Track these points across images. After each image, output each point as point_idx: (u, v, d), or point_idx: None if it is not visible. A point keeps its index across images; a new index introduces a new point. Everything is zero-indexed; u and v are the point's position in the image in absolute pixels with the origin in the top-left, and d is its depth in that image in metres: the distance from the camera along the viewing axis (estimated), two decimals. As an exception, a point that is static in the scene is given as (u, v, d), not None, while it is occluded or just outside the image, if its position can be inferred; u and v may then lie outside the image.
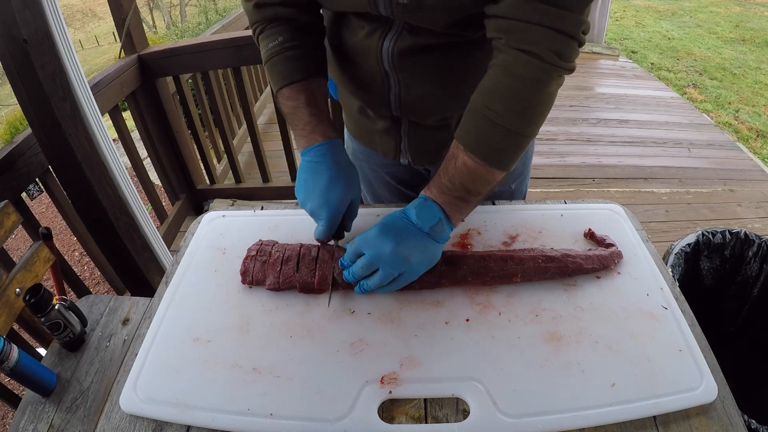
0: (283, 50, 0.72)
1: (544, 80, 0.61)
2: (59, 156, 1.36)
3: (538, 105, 0.63)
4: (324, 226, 0.71)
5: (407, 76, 0.76)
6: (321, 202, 0.71)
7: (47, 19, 1.21)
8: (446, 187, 0.67)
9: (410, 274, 0.66)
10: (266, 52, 0.74)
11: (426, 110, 0.82)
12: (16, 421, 0.88)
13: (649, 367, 0.61)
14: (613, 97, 3.85)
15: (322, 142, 0.72)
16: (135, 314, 1.09)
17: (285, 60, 0.73)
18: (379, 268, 0.65)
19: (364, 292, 0.68)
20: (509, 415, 0.56)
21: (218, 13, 10.53)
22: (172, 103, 2.14)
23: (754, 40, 6.22)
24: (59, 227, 3.17)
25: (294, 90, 0.73)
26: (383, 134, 0.91)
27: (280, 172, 2.58)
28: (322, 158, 0.72)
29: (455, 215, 0.68)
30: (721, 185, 2.71)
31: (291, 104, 0.74)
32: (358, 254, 0.67)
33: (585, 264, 0.72)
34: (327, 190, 0.70)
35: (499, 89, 0.63)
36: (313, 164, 0.72)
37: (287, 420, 0.57)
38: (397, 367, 0.62)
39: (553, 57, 0.59)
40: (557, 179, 2.74)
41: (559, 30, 0.58)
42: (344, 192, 0.71)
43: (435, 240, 0.67)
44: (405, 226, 0.66)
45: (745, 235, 1.36)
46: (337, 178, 0.71)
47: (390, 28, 0.72)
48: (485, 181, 0.67)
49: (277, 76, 0.74)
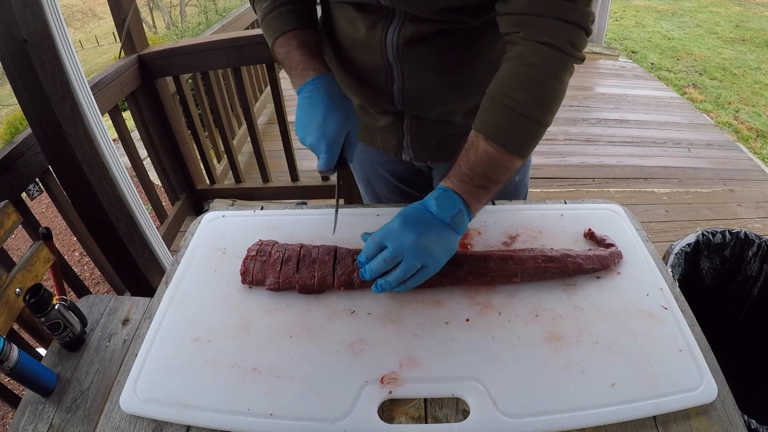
0: (276, 8, 0.77)
1: (560, 69, 0.65)
2: (59, 156, 1.36)
3: (554, 93, 0.66)
4: (324, 158, 0.72)
5: (411, 66, 0.77)
6: (318, 134, 0.71)
7: (47, 19, 1.21)
8: (467, 175, 0.67)
9: (433, 265, 0.66)
10: (261, 13, 0.78)
11: (429, 102, 0.83)
12: (16, 421, 0.88)
13: (649, 367, 0.61)
14: (613, 97, 3.85)
15: (315, 77, 0.74)
16: (135, 314, 1.09)
17: (278, 15, 0.77)
18: (402, 261, 0.65)
19: (382, 290, 0.68)
20: (509, 415, 0.56)
21: (218, 13, 10.53)
22: (172, 103, 2.14)
23: (754, 40, 6.21)
24: (59, 227, 3.17)
25: (286, 38, 0.76)
26: (385, 131, 0.91)
27: (280, 172, 2.58)
28: (316, 92, 0.73)
29: (474, 204, 0.68)
30: (721, 185, 2.71)
31: (284, 50, 0.77)
32: (380, 248, 0.67)
33: (585, 264, 0.72)
34: (324, 121, 0.71)
35: (519, 79, 0.65)
36: (308, 99, 0.73)
37: (287, 420, 0.57)
38: (397, 367, 0.62)
39: (568, 47, 0.63)
40: (557, 179, 2.74)
41: (571, 21, 0.62)
42: (341, 121, 0.72)
43: (455, 231, 0.67)
44: (426, 218, 0.66)
45: (745, 235, 1.36)
46: (333, 107, 0.72)
47: (392, 19, 0.74)
48: (505, 168, 0.68)
49: (271, 30, 0.78)
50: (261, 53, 1.99)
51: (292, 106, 3.01)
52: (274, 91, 2.14)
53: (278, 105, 2.17)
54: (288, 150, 2.30)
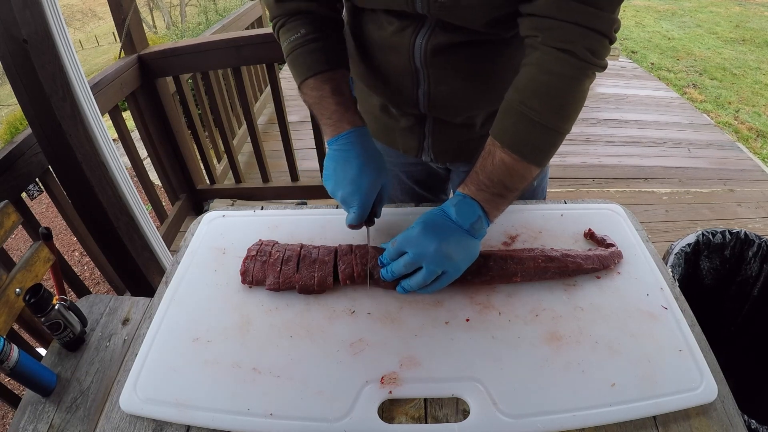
0: (306, 42, 0.73)
1: (579, 77, 0.63)
2: (59, 156, 1.36)
3: (573, 101, 0.65)
4: (356, 212, 0.71)
5: (438, 72, 0.76)
6: (352, 189, 0.70)
7: (47, 19, 1.21)
8: (484, 184, 0.67)
9: (454, 271, 0.66)
10: (288, 45, 0.75)
11: (454, 108, 0.82)
12: (16, 421, 0.88)
13: (649, 367, 0.61)
14: (612, 97, 3.85)
15: (350, 129, 0.72)
16: (135, 314, 1.09)
17: (308, 52, 0.73)
18: (423, 267, 0.65)
19: (406, 292, 0.68)
20: (509, 415, 0.56)
21: (218, 13, 10.51)
22: (172, 103, 2.14)
23: (754, 40, 6.21)
24: (59, 227, 3.17)
25: (319, 80, 0.73)
26: (406, 132, 0.91)
27: (280, 172, 2.58)
28: (351, 146, 0.72)
29: (493, 211, 0.69)
30: (721, 185, 2.71)
31: (316, 94, 0.74)
32: (401, 253, 0.67)
33: (585, 264, 0.72)
34: (358, 177, 0.70)
35: (536, 86, 0.64)
36: (342, 152, 0.72)
37: (287, 420, 0.57)
38: (397, 367, 0.62)
39: (588, 55, 0.61)
40: (557, 179, 2.74)
41: (594, 29, 0.60)
42: (375, 178, 0.71)
43: (474, 237, 0.67)
44: (446, 224, 0.67)
45: (745, 235, 1.36)
46: (367, 164, 0.71)
47: (422, 25, 0.73)
48: (522, 177, 0.68)
49: (300, 67, 0.74)
50: (261, 53, 1.99)
51: (292, 106, 3.00)
52: (274, 91, 2.14)
53: (278, 105, 2.17)
54: (288, 150, 2.30)
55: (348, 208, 0.72)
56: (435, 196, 1.10)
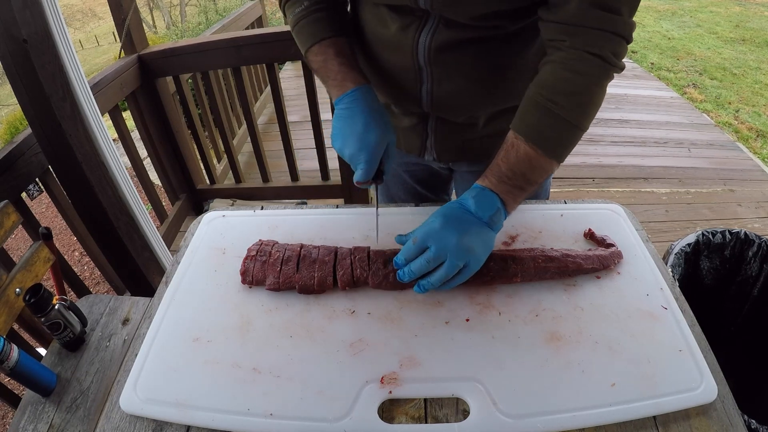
0: (310, 13, 0.76)
1: (602, 77, 0.66)
2: (59, 156, 1.36)
3: (595, 100, 0.67)
4: (363, 168, 0.71)
5: (441, 70, 0.77)
6: (359, 145, 0.71)
7: (47, 19, 1.21)
8: (506, 176, 0.68)
9: (474, 264, 0.66)
10: (293, 18, 0.77)
11: (457, 106, 0.82)
12: (16, 421, 0.88)
13: (649, 367, 0.61)
14: (613, 97, 3.85)
15: (354, 88, 0.73)
16: (135, 314, 1.09)
17: (312, 21, 0.76)
18: (445, 261, 0.65)
19: (425, 291, 0.68)
20: (509, 415, 0.56)
21: (218, 13, 10.51)
22: (172, 103, 2.14)
23: (754, 40, 6.21)
24: (59, 227, 3.17)
25: (322, 46, 0.75)
26: (409, 131, 0.91)
27: (280, 172, 2.58)
28: (356, 103, 0.72)
29: (511, 204, 0.69)
30: (721, 185, 2.71)
31: (320, 59, 0.76)
32: (423, 249, 0.67)
33: (585, 264, 0.72)
34: (364, 133, 0.71)
35: (562, 84, 0.66)
36: (348, 110, 0.73)
37: (287, 420, 0.57)
38: (397, 367, 0.62)
39: (612, 57, 0.65)
40: (557, 179, 2.74)
41: (616, 33, 0.64)
42: (381, 134, 0.72)
43: (492, 229, 0.68)
44: (465, 217, 0.67)
45: (745, 235, 1.36)
46: (373, 120, 0.72)
47: (426, 22, 0.73)
48: (544, 171, 0.69)
49: (305, 35, 0.77)
50: (261, 53, 1.99)
51: (292, 106, 3.01)
52: (274, 91, 2.14)
53: (278, 105, 2.17)
54: (288, 150, 2.30)
55: (356, 165, 0.72)
56: (437, 196, 1.10)
